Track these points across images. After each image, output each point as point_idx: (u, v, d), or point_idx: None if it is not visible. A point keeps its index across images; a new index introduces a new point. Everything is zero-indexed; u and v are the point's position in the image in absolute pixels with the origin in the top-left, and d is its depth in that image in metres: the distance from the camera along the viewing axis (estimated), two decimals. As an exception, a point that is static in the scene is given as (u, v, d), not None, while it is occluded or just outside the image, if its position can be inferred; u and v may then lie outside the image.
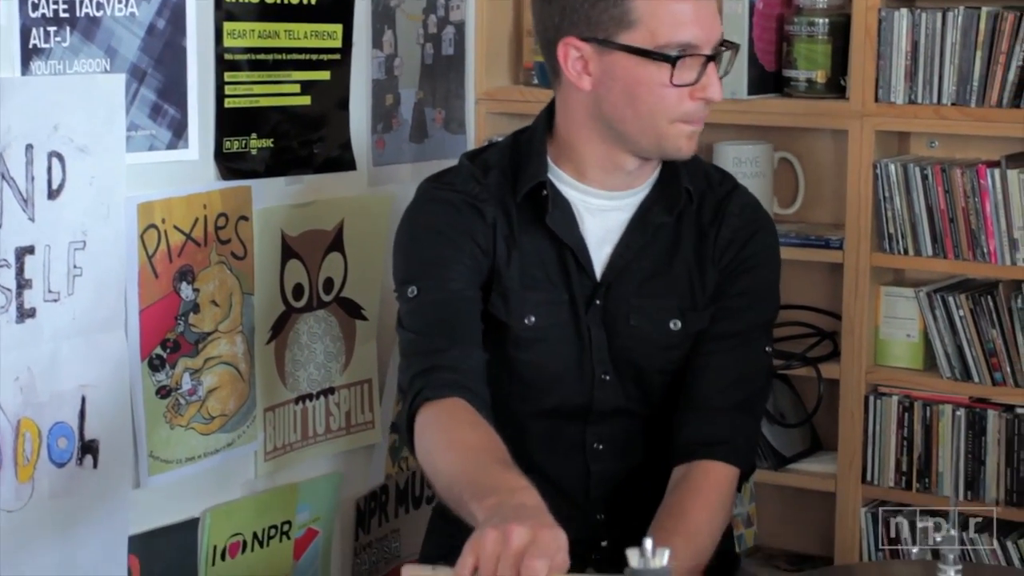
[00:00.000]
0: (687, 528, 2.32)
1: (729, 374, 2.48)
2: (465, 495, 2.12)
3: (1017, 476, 3.27)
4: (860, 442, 3.39)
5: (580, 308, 2.48)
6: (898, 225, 3.33)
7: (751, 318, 2.53)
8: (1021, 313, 3.23)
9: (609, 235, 2.49)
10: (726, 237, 2.51)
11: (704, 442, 2.43)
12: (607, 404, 2.50)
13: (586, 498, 2.50)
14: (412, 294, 2.45)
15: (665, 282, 2.50)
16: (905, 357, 3.40)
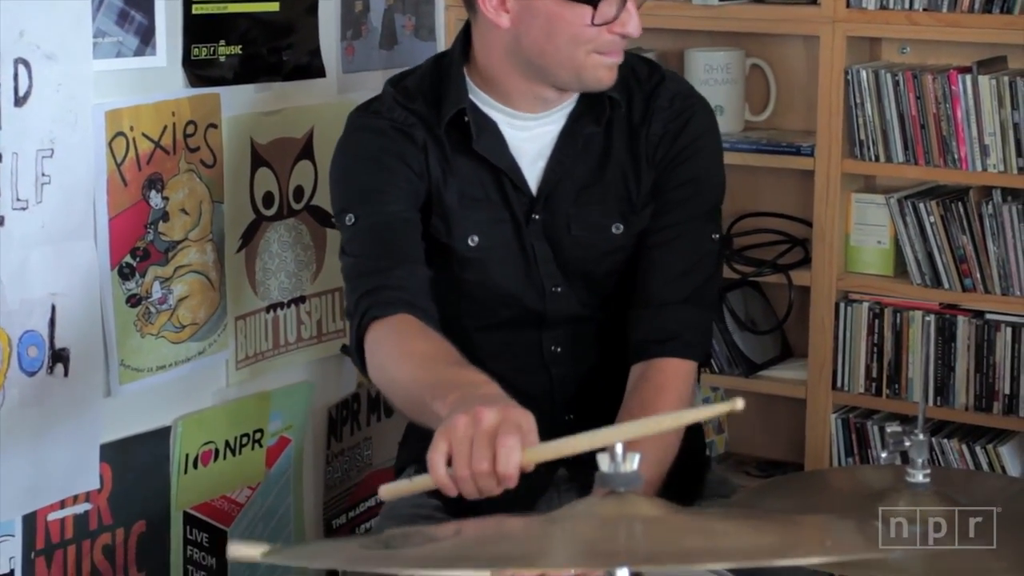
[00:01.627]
0: None
1: (677, 267, 2.49)
2: (426, 397, 2.14)
3: (986, 382, 3.29)
4: (830, 349, 3.41)
5: (521, 224, 2.49)
6: (869, 131, 3.33)
7: (694, 208, 2.53)
8: (991, 219, 3.25)
9: (541, 150, 2.50)
10: (657, 132, 2.51)
11: (657, 339, 2.44)
12: (561, 313, 2.52)
13: (552, 402, 2.52)
14: (350, 221, 2.46)
15: (601, 188, 2.51)
16: (875, 264, 3.42)
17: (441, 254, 2.49)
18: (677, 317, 2.46)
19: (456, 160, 2.48)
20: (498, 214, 2.49)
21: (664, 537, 1.61)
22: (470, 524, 1.79)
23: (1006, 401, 3.28)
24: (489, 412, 1.97)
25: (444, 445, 1.98)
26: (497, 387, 2.11)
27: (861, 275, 3.43)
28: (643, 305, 2.48)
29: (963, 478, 2.69)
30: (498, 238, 2.49)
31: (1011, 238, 3.23)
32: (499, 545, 1.65)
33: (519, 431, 1.96)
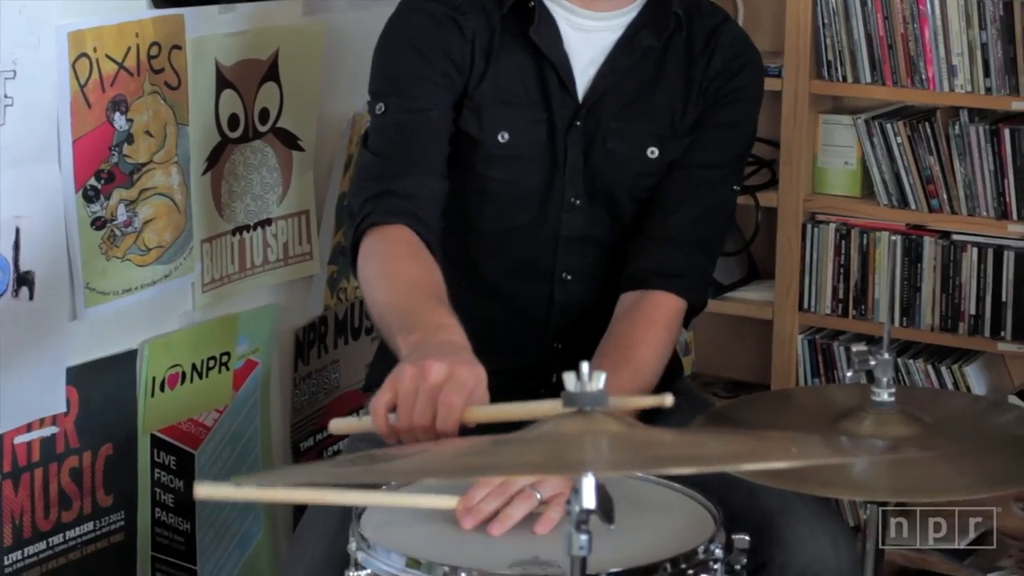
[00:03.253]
0: (634, 362, 2.34)
1: (697, 208, 2.48)
2: (393, 327, 2.15)
3: (952, 302, 3.32)
4: (797, 270, 3.44)
5: (559, 128, 2.47)
6: (837, 52, 3.34)
7: (728, 151, 2.52)
8: (958, 140, 3.26)
9: (595, 56, 2.47)
10: (716, 66, 2.50)
11: (662, 272, 2.43)
12: (574, 229, 2.50)
13: (546, 326, 2.52)
14: (380, 111, 2.44)
15: (647, 107, 2.49)
16: (842, 185, 3.44)
17: (469, 149, 2.46)
18: (685, 256, 2.46)
19: (503, 50, 2.46)
20: (535, 114, 2.47)
21: (632, 448, 1.63)
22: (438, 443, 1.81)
23: (971, 321, 3.31)
24: (437, 366, 1.98)
25: (389, 395, 2.00)
26: (460, 332, 2.11)
27: (828, 196, 3.45)
28: (653, 236, 2.47)
29: (928, 397, 2.72)
30: (530, 138, 2.46)
31: (978, 159, 3.25)
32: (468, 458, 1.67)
33: (464, 390, 1.97)
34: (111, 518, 2.82)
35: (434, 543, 1.97)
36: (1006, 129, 3.23)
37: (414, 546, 1.95)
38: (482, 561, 1.90)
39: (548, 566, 1.90)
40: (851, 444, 1.96)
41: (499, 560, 1.91)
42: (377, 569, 1.95)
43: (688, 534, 1.99)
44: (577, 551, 1.59)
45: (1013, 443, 2.15)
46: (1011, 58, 3.19)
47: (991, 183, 3.26)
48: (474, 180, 2.46)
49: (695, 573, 1.94)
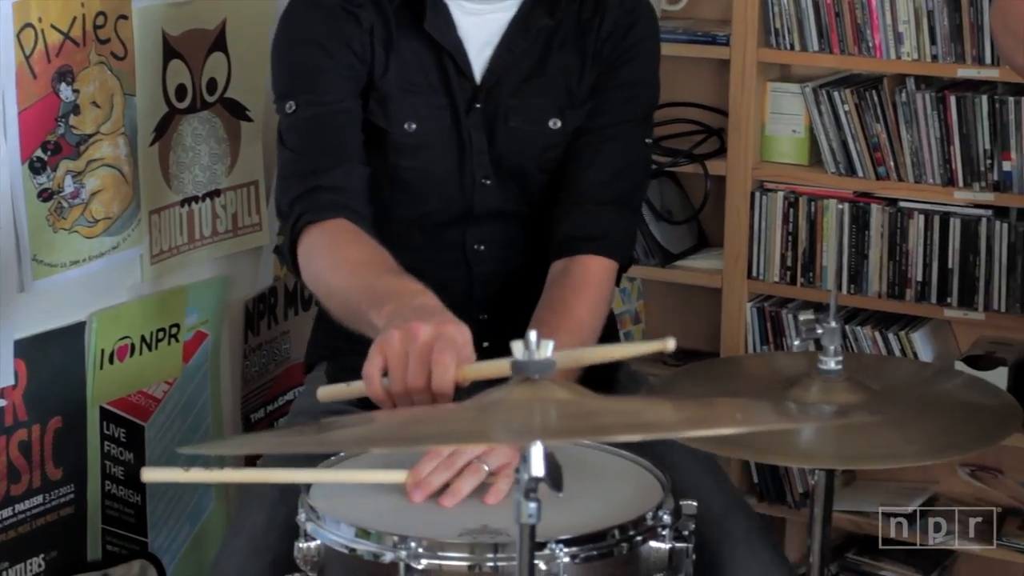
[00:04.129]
0: (570, 323, 2.34)
1: (609, 167, 2.49)
2: (363, 306, 2.14)
3: (899, 269, 3.34)
4: (746, 238, 3.44)
5: (461, 113, 2.48)
6: (784, 20, 3.34)
7: (632, 109, 2.53)
8: (905, 107, 3.27)
9: (489, 38, 2.49)
10: (607, 28, 2.50)
11: (584, 236, 2.45)
12: (487, 207, 2.51)
13: (469, 299, 2.52)
14: (291, 109, 2.45)
15: (543, 82, 2.50)
16: (791, 153, 3.44)
17: (376, 139, 2.47)
18: (605, 217, 2.47)
19: (401, 43, 2.46)
20: (437, 100, 2.48)
21: (579, 415, 1.63)
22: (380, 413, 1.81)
23: (918, 288, 3.32)
24: (425, 327, 1.98)
25: (379, 359, 1.99)
26: (433, 297, 2.12)
27: (776, 164, 3.45)
28: (571, 202, 2.48)
29: (875, 364, 2.73)
30: (435, 125, 2.48)
31: (924, 126, 3.26)
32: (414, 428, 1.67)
33: (454, 347, 1.98)
34: (61, 491, 2.80)
35: (383, 513, 1.97)
36: (952, 96, 3.24)
37: (363, 516, 1.95)
38: (431, 530, 1.90)
39: (497, 534, 1.90)
40: (798, 410, 1.97)
41: (448, 529, 1.92)
42: (326, 540, 1.95)
43: (637, 501, 2.00)
44: (526, 519, 1.60)
45: (959, 409, 2.16)
46: (957, 25, 3.20)
47: (937, 150, 3.27)
48: (384, 169, 2.47)
49: (643, 539, 1.95)
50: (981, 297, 3.28)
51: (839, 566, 3.48)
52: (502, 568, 1.87)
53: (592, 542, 1.90)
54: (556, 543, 1.86)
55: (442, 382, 1.95)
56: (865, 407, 2.06)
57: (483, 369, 1.97)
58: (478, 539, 1.90)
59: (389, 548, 1.89)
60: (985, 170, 3.24)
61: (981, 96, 3.22)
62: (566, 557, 1.86)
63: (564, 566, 1.85)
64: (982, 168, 3.24)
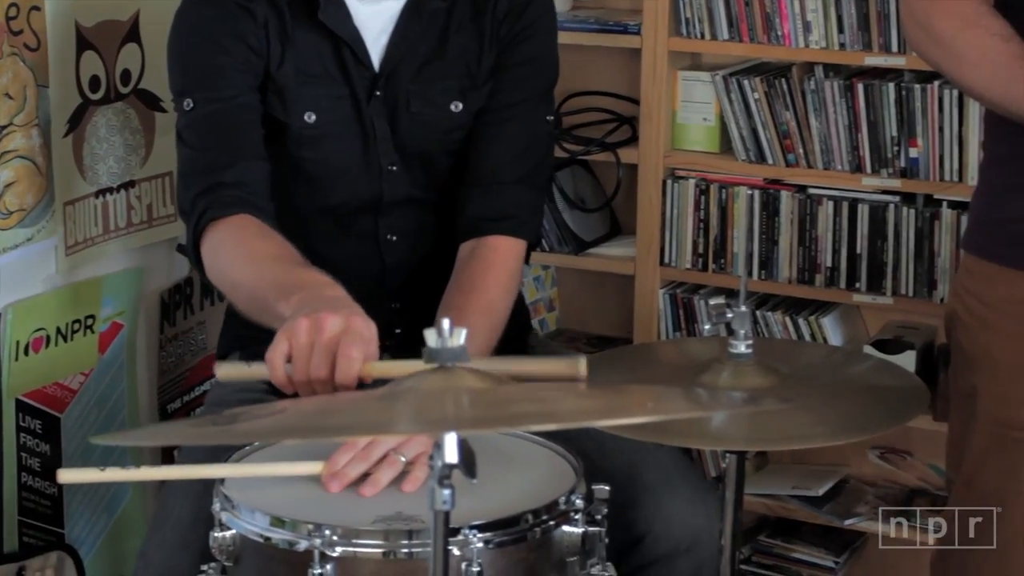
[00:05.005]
0: (481, 304, 2.34)
1: (513, 147, 2.50)
2: (270, 298, 2.13)
3: (808, 255, 3.35)
4: (658, 225, 3.45)
5: (362, 101, 2.47)
6: (695, 9, 3.35)
7: (532, 86, 2.54)
8: (814, 95, 3.29)
9: (384, 25, 2.48)
10: (503, 9, 2.51)
11: (491, 217, 2.45)
12: (396, 194, 2.51)
13: (381, 288, 2.52)
14: (188, 107, 2.43)
15: (442, 65, 2.50)
16: (701, 141, 3.45)
17: (278, 133, 2.46)
18: (511, 196, 2.47)
19: (297, 34, 2.45)
20: (337, 90, 2.47)
21: (492, 404, 1.62)
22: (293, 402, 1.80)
23: (828, 273, 3.34)
24: (333, 319, 1.97)
25: (285, 346, 1.98)
26: (341, 289, 2.11)
27: (687, 152, 3.46)
28: (476, 183, 2.48)
29: (786, 348, 2.75)
30: (336, 115, 2.47)
31: (833, 113, 3.28)
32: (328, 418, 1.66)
33: (362, 342, 1.97)
34: (-24, 483, 2.78)
35: (298, 502, 1.96)
36: (860, 84, 3.26)
37: (278, 505, 1.94)
38: (346, 518, 1.90)
39: (411, 521, 1.90)
40: (709, 397, 1.97)
41: (363, 516, 1.91)
42: (242, 529, 1.94)
43: (550, 486, 2.00)
44: (440, 505, 1.59)
45: (868, 392, 2.17)
46: (864, 14, 3.22)
47: (846, 137, 3.29)
48: (287, 161, 2.46)
49: (556, 524, 1.95)
50: (889, 282, 3.30)
51: (752, 548, 3.50)
52: (416, 554, 1.86)
53: (505, 527, 1.90)
54: (470, 529, 1.86)
55: (347, 376, 1.95)
56: (775, 391, 2.07)
57: (389, 367, 1.96)
58: (392, 526, 1.89)
59: (304, 536, 1.88)
60: (892, 157, 3.26)
61: (888, 84, 3.24)
62: (480, 542, 1.86)
63: (478, 551, 1.85)
64: (889, 155, 3.26)
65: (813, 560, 3.48)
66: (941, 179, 3.23)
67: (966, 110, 3.17)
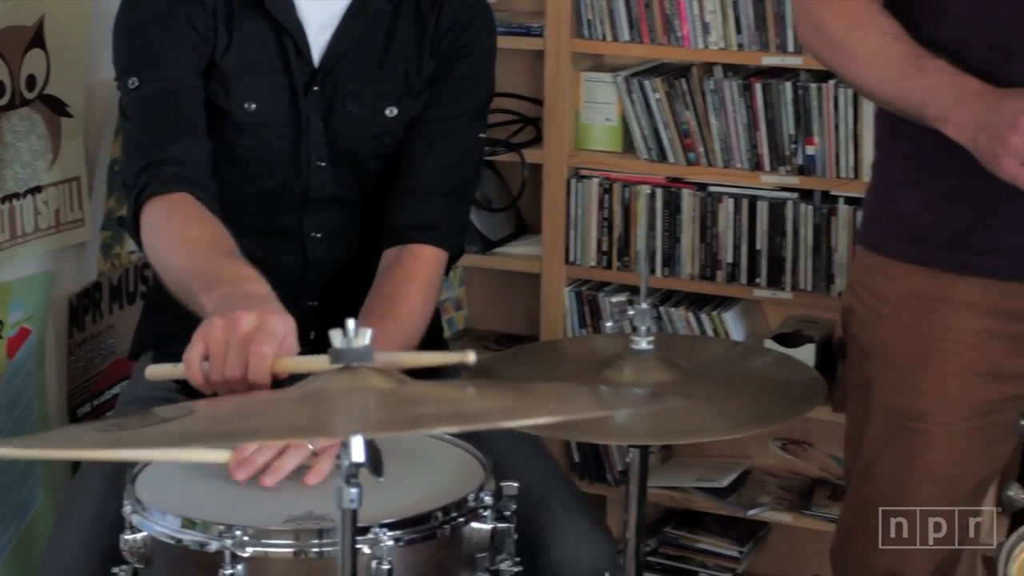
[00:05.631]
0: (398, 312, 2.35)
1: (445, 159, 2.50)
2: (195, 288, 2.13)
3: (710, 252, 3.38)
4: (563, 224, 3.47)
5: (299, 94, 2.47)
6: (596, 11, 3.37)
7: (468, 102, 2.54)
8: (713, 95, 3.32)
9: (328, 21, 2.47)
10: (447, 22, 2.51)
11: (416, 225, 2.45)
12: (322, 190, 2.50)
13: (300, 285, 2.52)
14: (133, 85, 2.42)
15: (382, 68, 2.50)
16: (604, 140, 3.47)
17: (217, 117, 2.45)
18: (439, 207, 2.47)
19: (243, 23, 2.45)
20: (277, 81, 2.47)
21: (398, 406, 1.63)
22: (204, 403, 1.79)
23: (729, 269, 3.37)
24: (247, 317, 1.97)
25: (201, 346, 1.98)
26: (264, 284, 2.11)
27: (591, 152, 3.48)
28: (406, 191, 2.48)
29: (688, 344, 2.77)
30: (274, 105, 2.47)
31: (732, 113, 3.31)
32: (233, 422, 1.65)
33: (274, 339, 1.97)
34: None
35: (209, 502, 1.96)
36: (758, 84, 3.29)
37: (189, 506, 1.93)
38: (257, 518, 1.89)
39: (322, 520, 1.89)
40: (612, 395, 1.98)
41: (274, 516, 1.90)
42: (152, 531, 1.92)
43: (458, 483, 2.00)
44: (347, 504, 1.59)
45: (769, 385, 2.19)
46: (761, 15, 3.25)
47: (745, 136, 3.32)
48: (223, 147, 2.46)
49: (466, 521, 1.95)
50: (789, 277, 3.34)
51: (658, 540, 3.53)
52: (327, 553, 1.86)
53: (415, 525, 1.90)
54: (379, 527, 1.85)
55: (258, 373, 1.94)
56: (677, 385, 2.08)
57: (301, 363, 1.96)
58: (302, 525, 1.89)
59: (215, 537, 1.87)
60: (790, 154, 3.29)
61: (785, 83, 3.28)
62: (389, 540, 1.86)
63: (388, 549, 1.85)
64: (787, 153, 3.29)
65: (718, 550, 3.51)
66: (837, 176, 3.27)
67: (861, 108, 3.21)
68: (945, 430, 2.18)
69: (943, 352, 2.15)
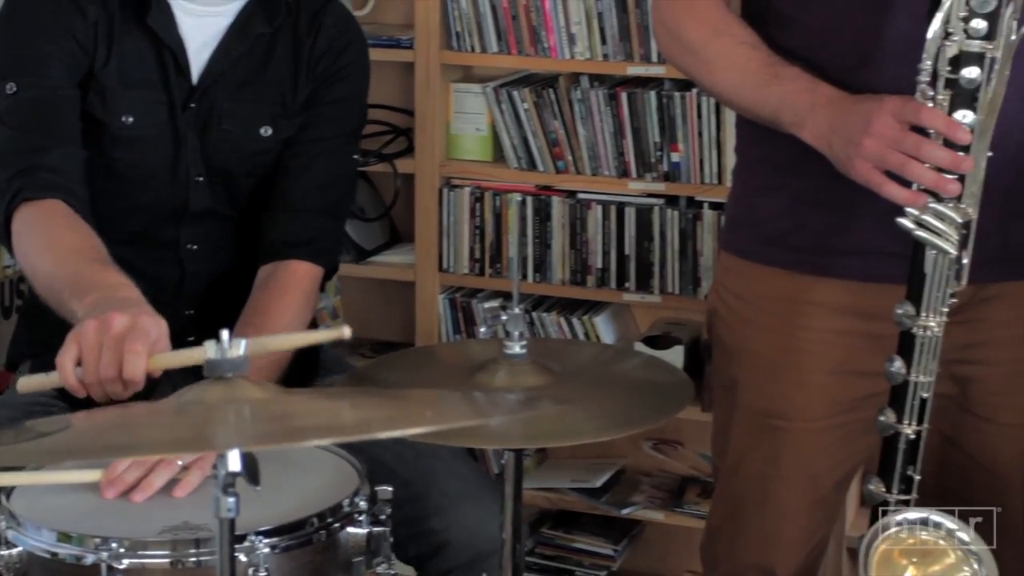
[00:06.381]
0: (274, 325, 2.34)
1: (319, 178, 2.51)
2: (65, 294, 2.12)
3: (580, 257, 3.40)
4: (436, 232, 3.47)
5: (177, 110, 2.46)
6: (464, 23, 3.37)
7: (342, 125, 2.55)
8: (580, 104, 3.34)
9: (208, 40, 2.47)
10: (323, 46, 2.52)
11: (293, 242, 2.45)
12: (200, 205, 2.50)
13: (178, 295, 2.50)
14: (11, 91, 2.40)
15: (259, 88, 2.50)
16: (475, 150, 3.48)
17: (95, 130, 2.43)
18: (315, 224, 2.48)
19: (124, 37, 2.44)
20: (156, 96, 2.45)
21: (275, 418, 1.62)
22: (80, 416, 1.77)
23: (599, 274, 3.39)
24: (120, 317, 1.96)
25: (74, 349, 1.96)
26: (135, 290, 2.10)
27: (462, 161, 3.49)
28: (283, 209, 2.49)
29: (560, 348, 2.77)
30: (152, 120, 2.45)
31: (598, 121, 3.33)
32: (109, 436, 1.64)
33: (147, 338, 1.96)
34: None
35: (84, 515, 1.93)
36: (623, 93, 3.31)
37: (64, 520, 1.91)
38: (133, 530, 1.87)
39: (198, 529, 1.88)
40: (487, 402, 1.98)
41: (150, 527, 1.89)
42: (27, 546, 1.90)
43: (333, 489, 2.00)
44: (224, 513, 1.58)
45: (639, 387, 2.20)
46: (625, 26, 3.27)
47: (612, 144, 3.34)
48: (100, 159, 2.44)
49: (341, 526, 1.95)
50: (657, 281, 3.36)
51: (535, 540, 3.54)
52: (204, 562, 1.85)
53: (291, 532, 1.89)
54: (256, 535, 1.85)
55: (133, 371, 1.93)
56: (549, 389, 2.09)
57: (175, 358, 1.95)
58: (179, 536, 1.87)
59: (91, 550, 1.85)
60: (656, 161, 3.32)
61: (650, 92, 3.30)
62: (266, 548, 1.85)
63: (264, 557, 1.84)
64: (653, 159, 3.32)
65: (593, 549, 3.53)
66: (702, 182, 3.30)
67: (723, 116, 3.24)
68: (807, 428, 2.20)
69: (804, 352, 2.18)
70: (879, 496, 1.99)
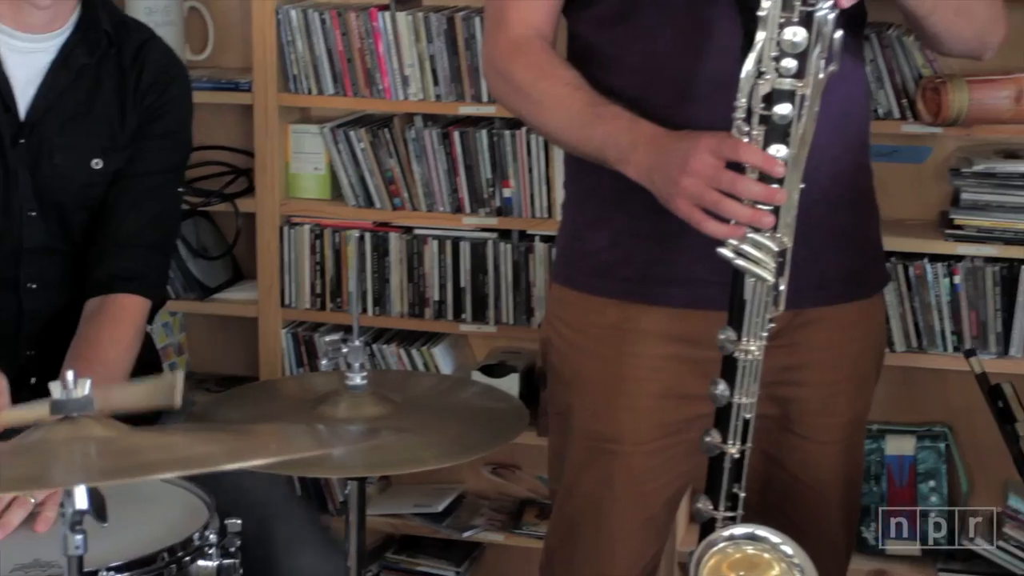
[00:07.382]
0: (106, 358, 2.34)
1: (148, 213, 2.50)
2: None
3: (418, 290, 3.41)
4: (277, 269, 3.46)
5: (7, 146, 2.43)
6: (301, 66, 3.37)
7: (168, 160, 2.54)
8: (415, 143, 3.35)
9: (33, 76, 2.44)
10: (147, 81, 2.51)
11: (125, 276, 2.44)
12: (35, 241, 2.47)
13: (16, 337, 2.46)
14: None
15: (88, 122, 2.47)
16: (314, 189, 3.47)
17: None
18: (144, 259, 2.48)
19: None
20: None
21: (120, 453, 1.60)
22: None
23: (436, 307, 3.40)
24: None
25: None
26: None
27: (302, 200, 3.48)
28: (111, 243, 2.47)
29: (400, 378, 2.78)
30: None
31: (432, 159, 3.34)
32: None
33: None
34: None
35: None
36: (456, 132, 3.33)
37: (-86, 561, 1.87)
38: (-17, 569, 1.84)
39: (49, 567, 1.85)
40: (330, 433, 1.98)
41: (1, 565, 1.85)
42: None
43: (183, 523, 1.99)
44: (73, 551, 1.57)
45: (477, 414, 2.21)
46: (456, 68, 3.29)
47: (446, 181, 3.35)
48: None
49: (192, 559, 1.93)
50: (492, 312, 3.38)
51: (380, 566, 3.53)
52: (55, 599, 1.82)
53: (142, 566, 1.88)
54: (107, 570, 1.82)
55: None
56: (390, 419, 2.09)
57: (20, 415, 1.91)
58: (30, 573, 1.84)
59: (-58, 591, 1.81)
60: (489, 197, 3.34)
61: (481, 131, 3.32)
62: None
63: (115, 591, 1.82)
64: (486, 195, 3.34)
65: (437, 572, 3.53)
66: (533, 216, 3.32)
67: (551, 153, 3.27)
68: (638, 450, 2.23)
69: (633, 378, 2.20)
70: (707, 513, 2.02)
